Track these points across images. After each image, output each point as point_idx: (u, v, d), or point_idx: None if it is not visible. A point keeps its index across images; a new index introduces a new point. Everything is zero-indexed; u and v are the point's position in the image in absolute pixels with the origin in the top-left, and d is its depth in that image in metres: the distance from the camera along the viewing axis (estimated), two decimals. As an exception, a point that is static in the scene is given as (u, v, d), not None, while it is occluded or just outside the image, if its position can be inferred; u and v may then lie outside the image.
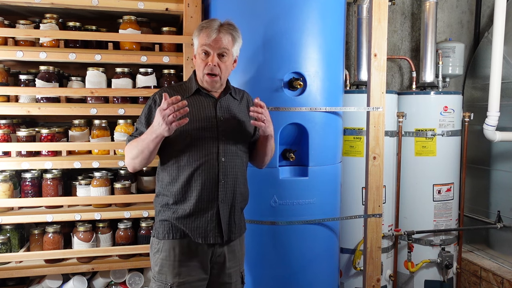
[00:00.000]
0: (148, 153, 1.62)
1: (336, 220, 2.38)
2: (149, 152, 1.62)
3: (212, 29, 1.68)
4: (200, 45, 1.70)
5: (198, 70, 1.74)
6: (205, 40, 1.68)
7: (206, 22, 1.72)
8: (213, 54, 1.69)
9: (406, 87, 3.62)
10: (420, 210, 3.09)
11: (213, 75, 1.71)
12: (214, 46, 1.68)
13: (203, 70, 1.71)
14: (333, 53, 2.28)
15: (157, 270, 1.74)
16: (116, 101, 2.49)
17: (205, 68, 1.70)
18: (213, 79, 1.71)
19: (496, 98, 2.98)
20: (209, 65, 1.69)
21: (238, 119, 1.79)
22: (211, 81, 1.72)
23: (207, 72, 1.70)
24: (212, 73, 1.70)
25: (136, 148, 1.63)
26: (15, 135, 2.44)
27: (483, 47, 3.47)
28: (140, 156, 1.64)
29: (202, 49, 1.70)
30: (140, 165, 1.68)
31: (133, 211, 2.47)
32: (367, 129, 2.37)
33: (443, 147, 3.04)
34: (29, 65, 2.61)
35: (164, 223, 1.74)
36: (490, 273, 3.08)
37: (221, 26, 1.71)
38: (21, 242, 2.51)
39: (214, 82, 1.73)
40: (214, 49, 1.69)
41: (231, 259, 1.81)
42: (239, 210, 1.82)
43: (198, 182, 1.69)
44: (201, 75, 1.73)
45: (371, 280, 2.42)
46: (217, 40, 1.68)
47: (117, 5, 2.36)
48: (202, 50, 1.70)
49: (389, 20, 3.25)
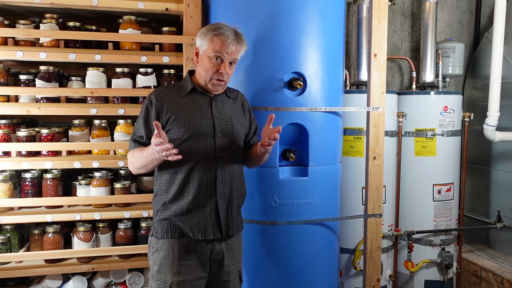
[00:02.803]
0: (152, 166, 1.73)
1: (336, 220, 2.37)
2: (153, 166, 1.74)
3: (230, 39, 1.71)
4: (214, 50, 1.72)
5: (205, 72, 1.75)
6: (222, 48, 1.71)
7: (221, 29, 1.73)
8: (226, 62, 1.73)
9: (406, 87, 3.62)
10: (420, 210, 3.08)
11: (222, 80, 1.76)
12: (229, 56, 1.73)
13: (212, 75, 1.74)
14: (333, 53, 2.28)
15: (156, 269, 1.75)
16: (116, 101, 2.49)
17: (215, 73, 1.74)
18: (220, 83, 1.77)
19: (496, 98, 2.98)
20: (220, 72, 1.73)
21: (233, 117, 1.83)
22: (217, 85, 1.77)
23: (217, 77, 1.74)
24: (222, 79, 1.75)
25: (139, 162, 1.72)
26: (15, 135, 2.44)
27: (483, 47, 3.46)
28: (143, 168, 1.74)
29: (216, 55, 1.72)
30: (144, 172, 1.78)
31: (133, 211, 2.47)
32: (367, 129, 2.37)
33: (443, 147, 3.04)
34: (29, 65, 2.61)
35: (163, 222, 1.75)
36: (490, 273, 3.08)
37: (236, 37, 1.74)
38: (21, 242, 2.51)
39: (220, 86, 1.78)
40: (228, 58, 1.73)
41: (229, 257, 1.83)
42: (236, 206, 1.84)
43: (196, 179, 1.72)
44: (208, 78, 1.75)
45: (371, 280, 2.42)
46: (234, 52, 1.74)
47: (117, 5, 2.36)
48: (215, 55, 1.72)
49: (389, 20, 3.25)
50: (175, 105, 1.74)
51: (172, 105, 1.74)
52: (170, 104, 1.74)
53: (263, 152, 1.78)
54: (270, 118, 1.71)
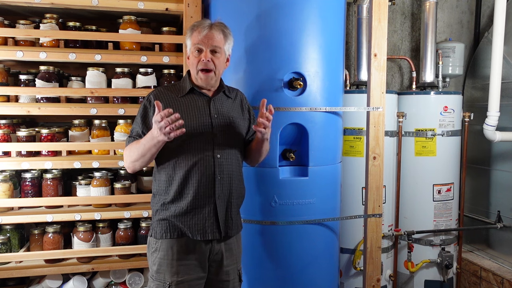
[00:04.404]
0: (150, 156, 1.66)
1: (336, 220, 2.38)
2: (151, 155, 1.66)
3: (203, 27, 1.72)
4: (193, 43, 1.73)
5: (192, 68, 1.76)
6: (198, 38, 1.71)
7: (197, 22, 1.77)
8: (206, 50, 1.71)
9: (406, 87, 3.62)
10: (420, 210, 3.08)
11: (208, 70, 1.73)
12: (206, 43, 1.71)
13: (196, 67, 1.73)
14: (333, 53, 2.28)
15: (155, 269, 1.75)
16: (116, 101, 2.49)
17: (198, 64, 1.72)
18: (208, 74, 1.73)
19: (496, 98, 2.98)
20: (202, 61, 1.70)
21: (232, 117, 1.82)
22: (205, 77, 1.74)
23: (201, 68, 1.72)
24: (207, 69, 1.72)
25: (137, 152, 1.66)
26: (15, 135, 2.44)
27: (483, 47, 3.46)
28: (141, 159, 1.67)
29: (195, 47, 1.72)
30: (140, 166, 1.73)
31: (133, 211, 2.47)
32: (367, 129, 2.37)
33: (443, 147, 3.04)
34: (29, 65, 2.61)
35: (162, 222, 1.75)
36: (490, 273, 3.08)
37: (212, 24, 1.74)
38: (21, 242, 2.51)
39: (209, 78, 1.74)
40: (207, 45, 1.71)
41: (228, 257, 1.83)
42: (235, 207, 1.84)
43: (195, 179, 1.72)
44: (195, 72, 1.74)
45: (371, 280, 2.42)
46: (209, 36, 1.71)
47: (117, 5, 2.36)
48: (195, 48, 1.72)
49: (389, 20, 3.25)
50: (173, 106, 1.73)
51: (171, 106, 1.73)
52: (169, 104, 1.73)
53: (261, 140, 1.77)
54: (263, 103, 1.68)
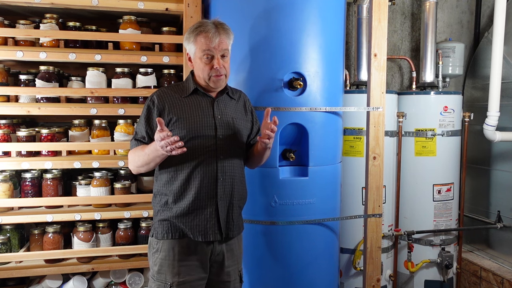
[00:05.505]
0: (154, 164, 1.71)
1: (336, 220, 2.37)
2: (155, 164, 1.71)
3: (212, 33, 1.69)
4: (202, 50, 1.70)
5: (202, 73, 1.74)
6: (208, 45, 1.69)
7: (200, 27, 1.73)
8: (218, 56, 1.71)
9: (406, 87, 3.62)
10: (420, 210, 3.08)
11: (220, 74, 1.74)
12: (217, 49, 1.70)
13: (209, 73, 1.72)
14: (333, 53, 2.28)
15: (157, 270, 1.75)
16: (116, 101, 2.49)
17: (211, 71, 1.72)
18: (220, 77, 1.74)
19: (496, 98, 2.98)
20: (216, 68, 1.71)
21: (235, 118, 1.82)
22: (217, 80, 1.74)
23: (214, 74, 1.72)
24: (219, 74, 1.73)
25: (141, 159, 1.69)
26: (15, 135, 2.44)
27: (483, 47, 3.46)
28: (145, 166, 1.71)
29: (205, 54, 1.70)
30: (145, 171, 1.77)
31: (133, 211, 2.47)
32: (367, 129, 2.37)
33: (443, 147, 3.04)
34: (29, 65, 2.61)
35: (163, 223, 1.74)
36: (490, 273, 3.08)
37: (218, 28, 1.72)
38: (21, 242, 2.51)
39: (221, 81, 1.76)
40: (218, 52, 1.71)
41: (229, 257, 1.83)
42: (237, 208, 1.83)
43: (197, 180, 1.71)
44: (207, 77, 1.73)
45: (371, 280, 2.42)
46: (220, 43, 1.70)
47: (117, 5, 2.36)
48: (205, 54, 1.70)
49: (389, 20, 3.25)
50: (177, 106, 1.73)
51: (174, 106, 1.73)
52: (172, 105, 1.73)
53: (263, 148, 1.77)
54: (267, 112, 1.69)
